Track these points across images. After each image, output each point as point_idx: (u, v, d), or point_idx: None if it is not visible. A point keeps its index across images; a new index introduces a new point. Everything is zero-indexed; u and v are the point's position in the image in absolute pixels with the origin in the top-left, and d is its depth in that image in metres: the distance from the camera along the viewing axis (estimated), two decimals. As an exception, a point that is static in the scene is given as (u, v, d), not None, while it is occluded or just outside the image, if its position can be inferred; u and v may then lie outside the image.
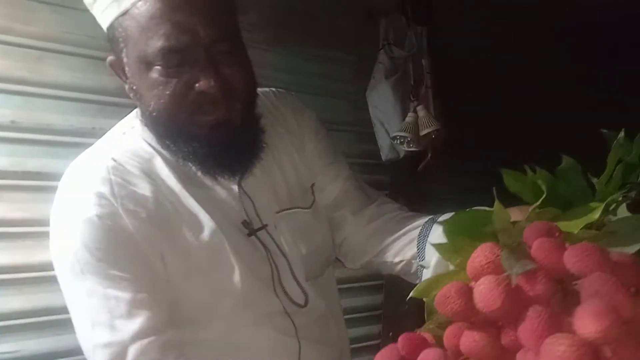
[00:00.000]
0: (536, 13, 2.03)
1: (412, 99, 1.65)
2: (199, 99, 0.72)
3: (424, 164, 1.69)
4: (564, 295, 0.43)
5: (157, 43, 0.69)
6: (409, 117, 1.61)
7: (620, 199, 0.45)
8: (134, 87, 0.76)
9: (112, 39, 0.76)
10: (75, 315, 0.75)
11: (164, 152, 0.79)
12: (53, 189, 1.09)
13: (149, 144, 0.80)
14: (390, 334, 0.87)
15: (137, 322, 0.71)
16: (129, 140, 0.81)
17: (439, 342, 0.51)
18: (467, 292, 0.45)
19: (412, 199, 1.76)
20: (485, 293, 0.43)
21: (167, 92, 0.72)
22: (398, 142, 1.61)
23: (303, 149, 0.89)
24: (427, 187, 1.92)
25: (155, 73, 0.71)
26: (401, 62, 1.76)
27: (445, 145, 1.67)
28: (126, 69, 0.76)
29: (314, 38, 1.67)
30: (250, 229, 0.80)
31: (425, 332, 0.53)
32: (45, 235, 1.06)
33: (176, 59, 0.70)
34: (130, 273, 0.72)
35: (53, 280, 1.08)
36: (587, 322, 0.37)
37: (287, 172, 0.87)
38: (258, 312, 0.79)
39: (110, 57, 0.78)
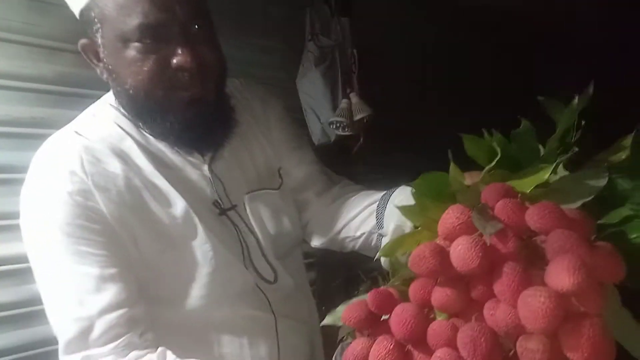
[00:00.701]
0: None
1: (346, 87, 1.75)
2: (176, 74, 0.75)
3: (357, 147, 1.80)
4: (528, 251, 0.46)
5: (135, 20, 0.72)
6: (343, 103, 1.72)
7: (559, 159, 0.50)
8: (110, 67, 0.78)
9: (85, 20, 0.77)
10: (44, 291, 0.76)
11: (135, 134, 0.82)
12: (8, 182, 1.06)
13: (120, 127, 0.81)
14: (323, 307, 0.95)
15: (104, 297, 0.73)
16: (100, 122, 0.82)
17: (403, 297, 0.55)
18: (440, 252, 0.48)
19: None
20: (464, 253, 0.45)
21: (145, 69, 0.74)
22: (334, 126, 1.71)
23: (270, 134, 0.93)
24: (356, 169, 2.05)
25: (133, 50, 0.73)
26: (328, 51, 1.85)
27: (373, 129, 1.80)
28: (100, 49, 0.78)
29: (246, 27, 1.71)
30: (221, 209, 0.84)
31: (390, 288, 0.57)
32: (6, 228, 1.04)
33: (153, 35, 0.73)
34: (99, 249, 0.74)
35: (19, 273, 1.08)
36: (562, 277, 0.40)
37: (255, 156, 0.91)
38: (232, 288, 0.83)
39: (83, 41, 0.79)
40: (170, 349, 0.74)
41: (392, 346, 0.50)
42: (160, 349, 0.73)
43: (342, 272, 2.03)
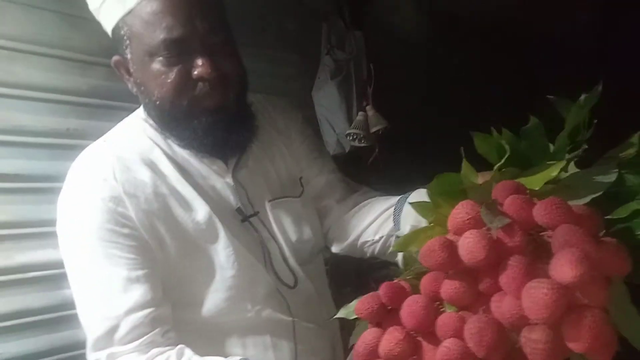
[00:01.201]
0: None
1: (362, 100, 1.79)
2: (197, 85, 0.80)
3: (372, 158, 1.83)
4: (535, 246, 0.47)
5: (160, 35, 0.78)
6: (360, 115, 1.75)
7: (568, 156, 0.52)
8: (138, 81, 0.84)
9: (116, 38, 0.83)
10: (76, 292, 0.81)
11: (162, 145, 0.87)
12: (29, 191, 1.10)
13: (149, 138, 0.87)
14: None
15: (131, 297, 0.77)
16: (131, 134, 0.88)
17: (415, 290, 0.57)
18: (449, 246, 0.50)
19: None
20: (472, 246, 0.46)
21: (169, 80, 0.80)
22: (351, 138, 1.75)
23: (291, 145, 0.98)
24: (369, 178, 2.07)
25: (158, 64, 0.79)
26: (344, 64, 1.89)
27: (387, 140, 1.82)
28: (130, 65, 0.83)
29: (263, 39, 1.76)
30: (244, 216, 0.88)
31: (403, 281, 0.59)
32: (21, 237, 1.07)
33: (176, 48, 0.79)
34: (128, 252, 0.79)
35: (31, 282, 1.11)
36: (565, 269, 0.41)
37: (277, 165, 0.95)
38: (255, 291, 0.86)
39: (115, 57, 0.85)
40: (194, 350, 0.77)
41: (402, 337, 0.51)
42: (179, 346, 0.76)
43: (353, 280, 2.04)
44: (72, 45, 1.16)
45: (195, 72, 0.79)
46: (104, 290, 0.78)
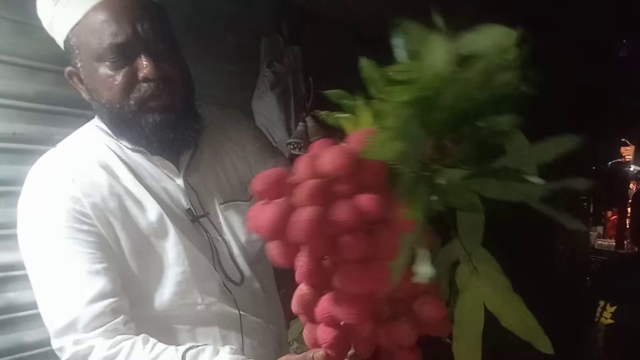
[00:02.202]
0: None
1: (301, 111, 1.90)
2: (143, 86, 0.85)
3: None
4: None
5: (106, 40, 0.84)
6: (300, 126, 1.88)
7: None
8: (89, 87, 0.89)
9: (67, 49, 0.89)
10: (38, 287, 0.84)
11: (116, 149, 0.92)
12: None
13: (104, 144, 0.92)
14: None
15: (93, 289, 0.81)
16: (86, 140, 0.93)
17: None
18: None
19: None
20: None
21: (116, 83, 0.85)
22: (292, 147, 1.87)
23: (243, 150, 1.04)
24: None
25: (106, 68, 0.85)
26: (282, 77, 2.00)
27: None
28: (81, 73, 0.88)
29: (205, 52, 1.83)
30: (193, 216, 0.94)
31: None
32: None
33: (122, 53, 0.84)
34: (87, 247, 0.83)
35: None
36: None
37: (228, 171, 1.01)
38: (204, 285, 0.91)
39: (68, 68, 0.90)
40: None
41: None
42: (143, 334, 0.81)
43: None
44: (18, 51, 1.19)
45: (141, 74, 0.85)
46: (66, 283, 0.81)
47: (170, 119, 0.88)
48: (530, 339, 0.48)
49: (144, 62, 0.84)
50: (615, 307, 1.19)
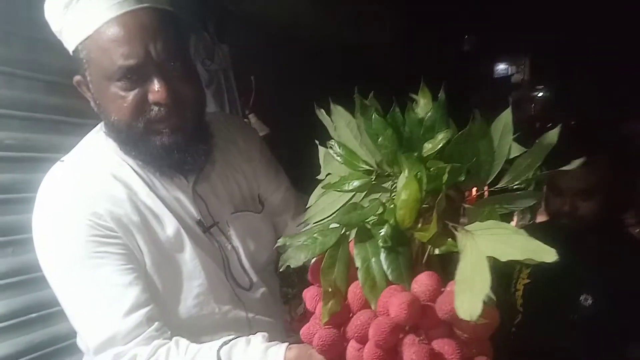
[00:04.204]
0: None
1: (244, 108, 1.95)
2: (153, 109, 0.84)
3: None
4: None
5: (117, 62, 0.81)
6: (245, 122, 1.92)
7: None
8: (98, 102, 0.88)
9: (76, 60, 0.88)
10: (71, 306, 0.85)
11: (129, 160, 0.91)
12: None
13: (115, 153, 0.91)
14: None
15: (128, 300, 0.82)
16: (99, 151, 0.92)
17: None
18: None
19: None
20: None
21: (125, 105, 0.83)
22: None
23: (251, 163, 1.06)
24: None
25: (115, 88, 0.83)
26: (215, 74, 2.03)
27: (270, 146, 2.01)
28: (90, 85, 0.88)
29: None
30: (204, 227, 0.94)
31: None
32: None
33: (132, 75, 0.82)
34: (116, 260, 0.84)
35: None
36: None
37: (239, 181, 1.03)
38: (218, 294, 0.94)
39: (76, 77, 0.89)
40: None
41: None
42: (175, 337, 0.84)
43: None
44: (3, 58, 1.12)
45: (151, 97, 0.83)
46: (100, 299, 0.82)
47: (180, 141, 0.87)
48: (536, 257, 0.53)
49: (156, 87, 0.82)
50: (529, 269, 1.40)
